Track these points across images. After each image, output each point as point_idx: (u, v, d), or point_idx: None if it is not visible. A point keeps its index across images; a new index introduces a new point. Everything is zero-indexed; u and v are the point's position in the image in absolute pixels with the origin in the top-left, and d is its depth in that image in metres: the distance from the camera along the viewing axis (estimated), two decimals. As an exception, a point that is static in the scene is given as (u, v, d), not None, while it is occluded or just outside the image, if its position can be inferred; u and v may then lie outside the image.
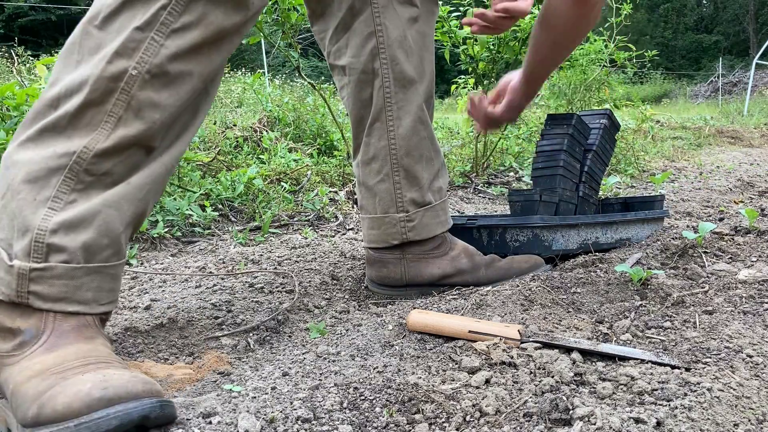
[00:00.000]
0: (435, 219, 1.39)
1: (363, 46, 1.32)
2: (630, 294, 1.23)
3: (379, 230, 1.40)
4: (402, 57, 1.31)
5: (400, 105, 1.33)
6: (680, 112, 11.28)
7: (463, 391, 0.82)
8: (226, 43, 0.95)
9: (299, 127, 3.94)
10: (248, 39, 2.83)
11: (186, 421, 0.77)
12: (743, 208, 1.92)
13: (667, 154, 5.08)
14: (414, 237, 1.38)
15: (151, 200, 0.94)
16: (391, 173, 1.36)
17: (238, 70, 11.32)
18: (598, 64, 4.29)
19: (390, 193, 1.38)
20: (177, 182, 2.40)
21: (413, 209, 1.37)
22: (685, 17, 33.79)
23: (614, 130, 1.88)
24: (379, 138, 1.36)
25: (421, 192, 1.37)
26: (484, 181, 3.36)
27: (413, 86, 1.34)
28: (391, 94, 1.33)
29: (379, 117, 1.34)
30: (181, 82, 0.90)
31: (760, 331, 0.98)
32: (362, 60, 1.32)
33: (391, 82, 1.32)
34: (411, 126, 1.34)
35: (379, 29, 1.30)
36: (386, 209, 1.39)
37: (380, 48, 1.31)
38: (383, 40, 1.30)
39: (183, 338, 1.20)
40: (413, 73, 1.33)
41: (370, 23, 1.30)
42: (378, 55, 1.31)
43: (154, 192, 0.94)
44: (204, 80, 0.94)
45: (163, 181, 0.95)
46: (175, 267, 1.71)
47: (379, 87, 1.32)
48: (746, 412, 0.73)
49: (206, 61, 0.92)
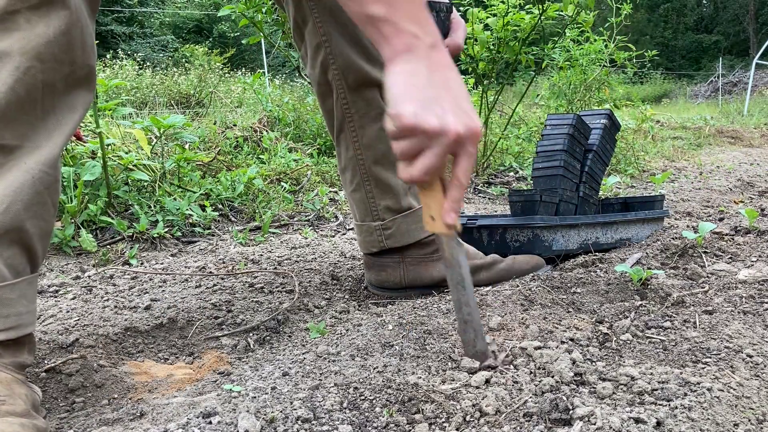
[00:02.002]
0: (417, 223, 1.36)
1: (315, 58, 1.28)
2: (630, 294, 1.23)
3: (361, 237, 1.41)
4: (358, 62, 1.25)
5: (361, 114, 1.29)
6: (680, 112, 11.28)
7: (463, 391, 0.82)
8: (55, 7, 0.81)
9: (299, 127, 3.94)
10: (248, 39, 2.83)
11: (186, 421, 0.77)
12: (743, 208, 1.92)
13: (667, 154, 5.08)
14: (393, 244, 1.36)
15: (26, 218, 0.81)
16: (362, 183, 1.34)
17: (238, 70, 11.33)
18: (598, 64, 4.28)
19: (364, 202, 1.36)
20: (177, 182, 2.40)
21: (389, 216, 1.35)
22: (685, 17, 33.78)
23: (614, 130, 1.88)
24: (347, 148, 1.34)
25: (396, 199, 1.34)
26: (484, 181, 3.36)
27: (373, 90, 1.27)
28: (349, 104, 1.29)
29: (343, 127, 1.32)
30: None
31: (760, 331, 0.98)
32: (317, 72, 1.29)
33: (346, 92, 1.28)
34: (376, 134, 1.30)
35: (324, 40, 1.24)
36: (363, 217, 1.38)
37: (329, 59, 1.26)
38: (330, 50, 1.25)
39: (183, 338, 1.20)
40: (376, 74, 1.27)
41: (316, 33, 1.25)
42: (329, 67, 1.26)
43: (24, 207, 0.80)
44: (31, 59, 0.79)
45: (35, 193, 0.81)
46: (175, 267, 1.70)
47: (336, 98, 1.29)
48: (746, 412, 0.73)
49: (27, 33, 0.79)
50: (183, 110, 6.87)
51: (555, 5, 2.99)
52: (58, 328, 1.18)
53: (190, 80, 8.50)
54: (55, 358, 1.05)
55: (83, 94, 0.89)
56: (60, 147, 0.85)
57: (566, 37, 4.06)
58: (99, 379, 1.00)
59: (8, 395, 0.77)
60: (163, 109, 6.67)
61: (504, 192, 3.13)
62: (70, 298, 1.44)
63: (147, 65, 9.92)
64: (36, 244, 0.84)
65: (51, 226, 0.87)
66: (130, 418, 0.86)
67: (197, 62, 10.58)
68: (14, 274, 0.82)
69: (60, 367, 1.01)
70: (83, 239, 1.87)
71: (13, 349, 0.82)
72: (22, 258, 0.83)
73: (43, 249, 0.87)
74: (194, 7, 21.41)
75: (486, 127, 3.43)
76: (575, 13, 3.07)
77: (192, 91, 7.95)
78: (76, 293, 1.48)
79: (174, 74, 8.99)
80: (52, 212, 0.87)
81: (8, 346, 0.82)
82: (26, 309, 0.83)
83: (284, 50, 2.79)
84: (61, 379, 0.99)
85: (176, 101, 7.46)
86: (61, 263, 1.79)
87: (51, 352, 1.08)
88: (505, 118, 4.52)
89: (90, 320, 1.24)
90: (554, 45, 3.78)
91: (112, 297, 1.42)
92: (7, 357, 0.81)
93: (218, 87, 7.97)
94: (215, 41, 18.86)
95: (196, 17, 20.15)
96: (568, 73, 4.35)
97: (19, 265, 0.82)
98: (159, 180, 2.33)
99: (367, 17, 0.79)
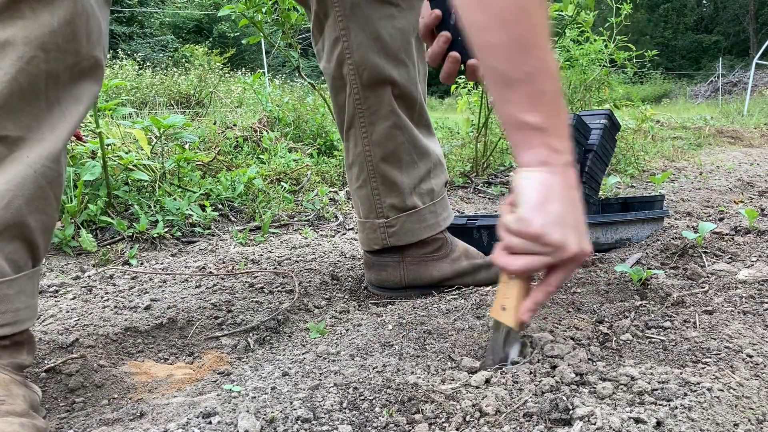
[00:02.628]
0: (421, 223, 1.36)
1: (332, 52, 1.29)
2: (630, 294, 1.23)
3: (363, 234, 1.41)
4: (374, 58, 1.26)
5: (372, 110, 1.29)
6: (680, 112, 11.27)
7: (463, 391, 0.82)
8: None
9: (299, 127, 3.94)
10: (248, 39, 2.83)
11: (186, 421, 0.77)
12: (743, 208, 1.92)
13: (667, 154, 5.08)
14: (395, 243, 1.36)
15: (27, 213, 0.81)
16: (369, 179, 1.34)
17: (238, 70, 11.33)
18: (598, 64, 4.28)
19: (369, 199, 1.36)
20: (177, 182, 2.40)
21: (394, 215, 1.35)
22: (685, 17, 33.78)
23: (614, 130, 1.88)
24: (355, 144, 1.34)
25: (401, 197, 1.34)
26: (484, 181, 3.36)
27: (386, 87, 1.28)
28: (361, 100, 1.29)
29: (353, 123, 1.32)
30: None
31: (760, 331, 0.98)
32: (332, 66, 1.30)
33: (360, 88, 1.28)
34: (385, 132, 1.31)
35: (343, 34, 1.25)
36: (367, 214, 1.38)
37: (346, 54, 1.26)
38: (348, 45, 1.26)
39: (183, 338, 1.20)
40: (391, 71, 1.27)
41: (336, 28, 1.26)
42: (345, 61, 1.27)
43: (26, 201, 0.80)
44: (34, 48, 0.78)
45: (37, 188, 0.81)
46: (175, 267, 1.70)
47: (349, 93, 1.29)
48: (746, 412, 0.73)
49: (31, 22, 0.78)
50: (183, 110, 6.87)
51: (555, 5, 2.99)
52: (58, 328, 1.18)
53: (190, 80, 8.50)
54: (55, 358, 1.05)
55: (89, 85, 0.87)
56: (64, 140, 0.84)
57: (566, 37, 4.06)
58: (99, 379, 1.00)
59: (7, 395, 0.77)
60: (163, 109, 6.67)
61: (504, 192, 3.13)
62: (70, 298, 1.44)
63: (147, 65, 9.92)
64: (38, 238, 0.84)
65: (54, 220, 0.87)
66: (130, 418, 0.86)
67: (197, 62, 10.58)
68: (15, 270, 0.81)
69: (60, 367, 1.01)
70: (83, 239, 1.87)
71: (12, 350, 0.82)
72: (23, 253, 0.83)
73: (46, 243, 0.87)
74: (194, 7, 21.41)
75: (486, 127, 3.43)
76: (575, 13, 3.08)
77: (192, 91, 7.95)
78: (76, 293, 1.48)
79: (174, 74, 8.99)
80: (55, 206, 0.86)
81: (6, 347, 0.82)
82: (24, 305, 0.83)
83: (284, 50, 2.78)
84: (61, 379, 0.99)
85: (176, 101, 7.47)
86: (61, 263, 1.79)
87: (51, 352, 1.08)
88: (505, 118, 4.51)
89: (90, 320, 1.24)
90: (554, 45, 3.78)
91: (112, 297, 1.42)
92: (5, 358, 0.81)
93: (218, 87, 7.97)
94: (215, 41, 18.86)
95: (196, 17, 20.15)
96: (567, 73, 4.35)
97: (20, 260, 0.82)
98: (159, 180, 2.33)
99: (520, 123, 0.82)
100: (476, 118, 3.62)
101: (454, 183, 3.24)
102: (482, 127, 3.37)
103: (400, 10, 1.27)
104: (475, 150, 3.49)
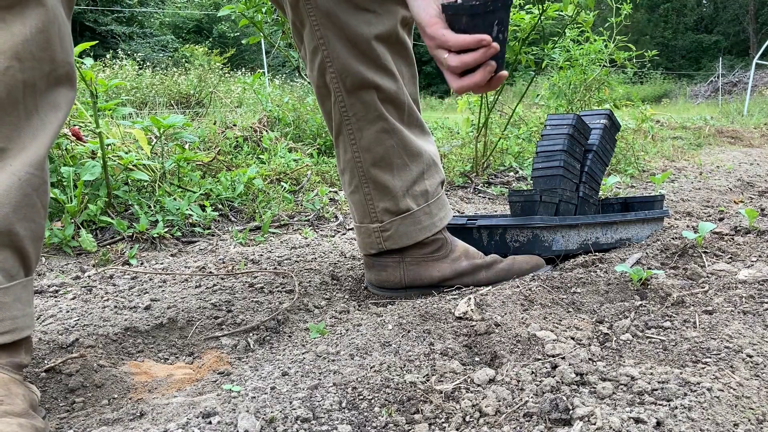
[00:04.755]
0: (416, 225, 1.36)
1: (313, 61, 1.28)
2: (630, 294, 1.23)
3: (360, 238, 1.41)
4: (355, 66, 1.25)
5: (359, 116, 1.29)
6: (680, 112, 11.27)
7: (463, 391, 0.82)
8: (30, 5, 0.79)
9: (299, 127, 3.94)
10: (248, 39, 2.83)
11: (186, 421, 0.77)
12: (743, 208, 1.92)
13: (667, 154, 5.08)
14: (391, 246, 1.36)
15: (15, 221, 0.80)
16: (361, 185, 1.34)
17: (238, 70, 11.33)
18: (598, 64, 4.28)
19: (362, 204, 1.36)
20: (177, 182, 2.40)
21: (388, 218, 1.35)
22: (685, 17, 33.77)
23: (614, 130, 1.88)
24: (345, 150, 1.34)
25: (394, 201, 1.34)
26: (484, 181, 3.36)
27: (371, 93, 1.27)
28: (347, 107, 1.28)
29: (341, 130, 1.32)
30: None
31: (760, 331, 0.98)
32: (315, 75, 1.29)
33: (344, 95, 1.27)
34: (374, 137, 1.30)
35: (322, 43, 1.24)
36: (361, 219, 1.39)
37: (327, 63, 1.25)
38: (327, 54, 1.24)
39: (183, 338, 1.20)
40: (374, 77, 1.27)
41: (314, 37, 1.25)
42: (327, 70, 1.26)
43: (13, 210, 0.80)
44: (9, 58, 0.78)
45: (23, 195, 0.81)
46: (175, 267, 1.70)
47: (334, 101, 1.29)
48: (746, 412, 0.73)
49: (3, 32, 0.78)
50: (183, 110, 6.87)
51: (555, 5, 2.99)
52: (58, 328, 1.18)
53: (190, 80, 8.49)
54: (54, 358, 1.05)
55: (65, 92, 0.88)
56: (46, 147, 0.84)
57: (566, 37, 4.06)
58: (99, 379, 1.00)
59: (6, 395, 0.77)
60: (163, 109, 6.67)
61: (504, 192, 3.13)
62: (70, 298, 1.44)
63: (147, 65, 9.92)
64: (28, 246, 0.84)
65: (42, 228, 0.87)
66: (130, 418, 0.86)
67: (197, 62, 10.58)
68: (8, 278, 0.81)
69: (60, 367, 1.01)
70: (83, 239, 1.87)
71: (10, 350, 0.82)
72: (14, 261, 0.82)
73: (36, 252, 0.86)
74: (194, 7, 21.41)
75: (486, 127, 3.43)
76: (575, 13, 3.07)
77: (192, 91, 7.95)
78: (76, 293, 1.48)
79: (174, 74, 8.99)
80: (43, 214, 0.86)
81: (5, 348, 0.82)
82: (22, 313, 0.83)
83: (284, 50, 2.79)
84: (61, 379, 0.99)
85: (176, 101, 7.46)
86: (61, 263, 1.79)
87: (51, 352, 1.08)
88: (505, 118, 4.52)
89: (90, 320, 1.24)
90: (554, 45, 3.78)
91: (112, 297, 1.42)
92: (3, 358, 0.81)
93: (218, 87, 7.97)
94: (215, 41, 18.86)
95: (196, 17, 20.15)
96: (567, 73, 4.35)
97: (12, 268, 0.82)
98: (159, 180, 2.33)
99: None
100: (476, 118, 3.62)
101: (454, 183, 3.24)
102: (482, 127, 3.37)
103: (378, 15, 1.25)
104: (475, 150, 3.49)
